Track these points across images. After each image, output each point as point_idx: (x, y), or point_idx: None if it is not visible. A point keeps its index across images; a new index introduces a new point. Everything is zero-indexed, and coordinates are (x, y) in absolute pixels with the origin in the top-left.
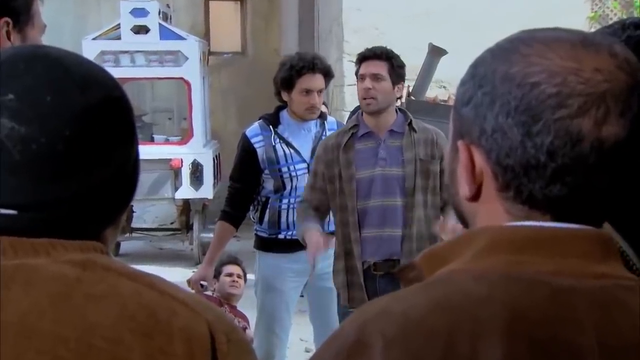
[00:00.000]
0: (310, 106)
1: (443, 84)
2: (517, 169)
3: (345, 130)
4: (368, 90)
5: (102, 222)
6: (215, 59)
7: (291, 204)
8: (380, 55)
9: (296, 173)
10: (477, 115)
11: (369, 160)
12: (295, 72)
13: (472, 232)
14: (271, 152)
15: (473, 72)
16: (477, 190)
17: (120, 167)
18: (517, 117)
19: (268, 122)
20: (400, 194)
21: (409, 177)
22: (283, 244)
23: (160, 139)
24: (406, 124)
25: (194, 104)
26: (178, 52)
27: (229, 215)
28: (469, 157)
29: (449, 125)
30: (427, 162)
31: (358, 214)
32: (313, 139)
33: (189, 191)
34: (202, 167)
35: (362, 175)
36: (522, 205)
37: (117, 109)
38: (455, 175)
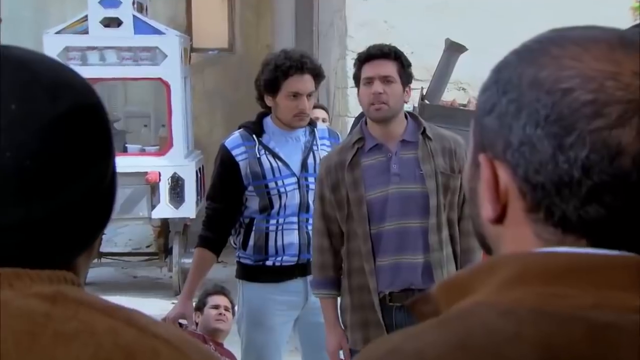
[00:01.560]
0: (298, 112)
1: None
2: (548, 187)
3: (348, 146)
4: (379, 95)
5: (74, 249)
6: (199, 57)
7: (280, 225)
8: (389, 53)
9: (285, 189)
10: (502, 125)
11: (380, 177)
12: (280, 72)
13: (497, 259)
14: (256, 165)
15: (496, 76)
16: (501, 211)
17: (96, 185)
18: (548, 128)
19: (251, 132)
20: (419, 214)
21: (432, 193)
22: (271, 272)
23: (134, 149)
24: (419, 132)
25: (173, 109)
26: (155, 48)
27: (208, 240)
28: (492, 173)
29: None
30: (447, 175)
31: (372, 240)
32: (303, 149)
33: (168, 210)
34: (184, 181)
35: (374, 196)
36: (554, 229)
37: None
38: (477, 194)
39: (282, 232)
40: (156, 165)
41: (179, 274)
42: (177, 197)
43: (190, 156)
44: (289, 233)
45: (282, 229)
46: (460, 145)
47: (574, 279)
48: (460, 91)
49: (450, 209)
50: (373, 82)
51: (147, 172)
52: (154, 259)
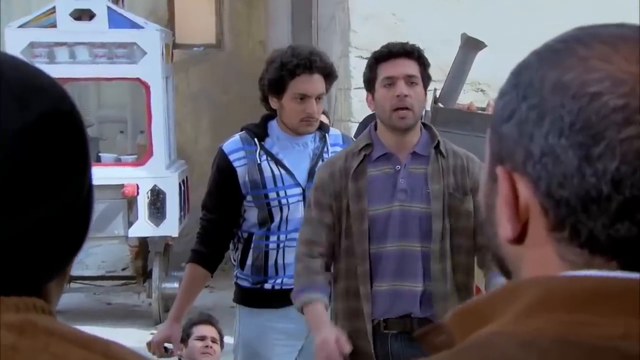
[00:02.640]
0: (306, 116)
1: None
2: (574, 203)
3: (355, 152)
4: (404, 98)
5: (46, 273)
6: (182, 54)
7: (281, 242)
8: (411, 52)
9: (287, 201)
10: (522, 134)
11: (385, 192)
12: (287, 72)
13: (517, 284)
14: (255, 172)
15: (516, 79)
16: (521, 230)
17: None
18: (573, 137)
19: (252, 135)
20: (420, 237)
21: (436, 216)
22: (270, 297)
23: (109, 159)
24: (432, 145)
25: (153, 113)
26: (133, 44)
27: (201, 256)
28: (511, 187)
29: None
30: (456, 197)
31: (370, 261)
32: (310, 157)
33: (147, 227)
34: (165, 195)
35: (377, 211)
36: (580, 249)
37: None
38: (494, 212)
39: (284, 251)
40: (134, 177)
41: (159, 300)
42: (158, 213)
43: (172, 167)
44: (291, 252)
45: (283, 246)
46: (473, 161)
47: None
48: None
49: (458, 234)
50: (396, 83)
51: (124, 185)
52: (130, 283)
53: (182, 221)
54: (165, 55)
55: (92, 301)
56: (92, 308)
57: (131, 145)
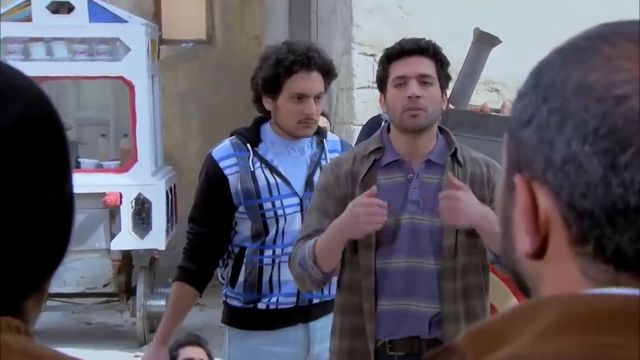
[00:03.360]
0: (304, 117)
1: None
2: (598, 215)
3: (364, 155)
4: (416, 99)
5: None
6: (170, 51)
7: (277, 256)
8: (427, 49)
9: (284, 212)
10: (542, 140)
11: (395, 202)
12: (283, 69)
13: (536, 302)
14: (249, 181)
15: (536, 80)
16: (541, 244)
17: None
18: (598, 143)
19: (244, 140)
20: (432, 253)
21: (448, 231)
22: (265, 317)
23: (89, 165)
24: (449, 153)
25: (138, 115)
26: (115, 40)
27: (189, 273)
28: (530, 197)
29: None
30: None
31: (376, 276)
32: (308, 164)
33: (131, 239)
34: (150, 204)
35: (385, 223)
36: (605, 265)
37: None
38: (511, 224)
39: (279, 266)
40: (116, 185)
41: (144, 319)
42: (143, 224)
43: (158, 173)
44: (287, 267)
45: (279, 262)
46: (495, 169)
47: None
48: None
49: (472, 252)
50: (408, 83)
51: (105, 194)
52: (112, 301)
53: (170, 233)
54: (151, 52)
55: (70, 320)
56: (70, 328)
57: (113, 150)
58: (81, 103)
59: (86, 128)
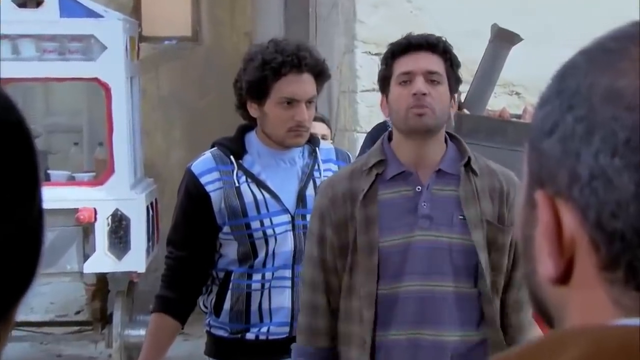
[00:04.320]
0: (295, 125)
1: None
2: (629, 236)
3: (364, 170)
4: (422, 96)
5: None
6: (151, 49)
7: (267, 281)
8: (436, 45)
9: (274, 231)
10: (566, 152)
11: (402, 218)
12: (270, 71)
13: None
14: (233, 197)
15: (559, 85)
16: (566, 268)
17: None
18: (629, 157)
19: (227, 151)
20: (453, 274)
21: (480, 248)
22: (254, 349)
23: (60, 177)
24: (462, 162)
25: (115, 121)
26: (90, 37)
27: (169, 303)
28: (553, 216)
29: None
30: (494, 227)
31: (377, 303)
32: (299, 177)
33: (107, 261)
34: (129, 221)
35: (391, 243)
36: (637, 293)
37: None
38: (532, 245)
39: (270, 292)
40: (90, 200)
41: (121, 351)
42: (120, 244)
43: (138, 186)
44: (279, 293)
45: (269, 287)
46: (514, 185)
47: None
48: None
49: (496, 271)
50: (414, 79)
51: (78, 209)
52: (86, 330)
53: (150, 254)
54: (130, 51)
55: (38, 352)
56: None
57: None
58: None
59: (56, 136)
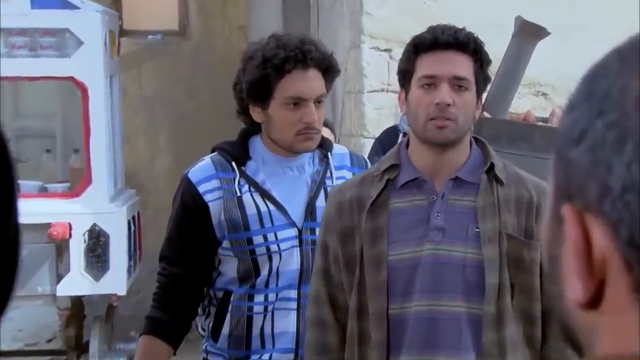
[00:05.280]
0: (304, 127)
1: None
2: None
3: (375, 175)
4: (445, 107)
5: None
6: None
7: (270, 303)
8: (466, 44)
9: (278, 247)
10: (596, 162)
11: (413, 230)
12: (272, 69)
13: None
14: (235, 208)
15: (589, 87)
16: (596, 291)
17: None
18: None
19: (229, 157)
20: (464, 294)
21: (491, 265)
22: None
23: (30, 188)
24: (484, 169)
25: (93, 125)
26: (64, 31)
27: (160, 325)
28: (582, 233)
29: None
30: (518, 242)
31: (389, 324)
32: (309, 186)
33: (83, 282)
34: (108, 238)
35: (399, 257)
36: None
37: None
38: (559, 265)
39: (273, 315)
40: (65, 213)
41: None
42: (98, 263)
43: (118, 198)
44: (283, 316)
45: (272, 309)
46: (546, 193)
47: None
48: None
49: (519, 293)
50: (438, 86)
51: (51, 224)
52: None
53: (132, 274)
54: (110, 46)
55: None
56: None
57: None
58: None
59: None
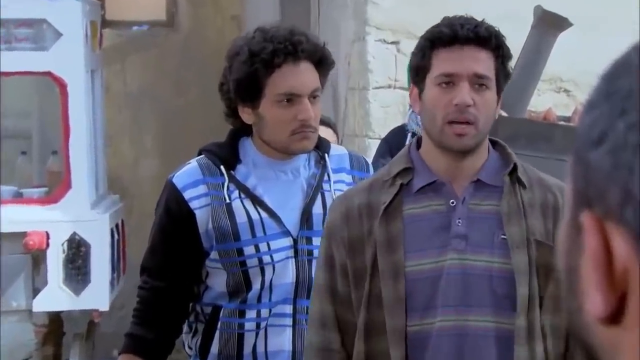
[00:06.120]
0: (299, 125)
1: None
2: None
3: (386, 180)
4: (465, 108)
5: None
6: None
7: (262, 320)
8: (487, 39)
9: (272, 258)
10: (618, 165)
11: (433, 239)
12: (260, 64)
13: None
14: (224, 217)
15: (609, 86)
16: (618, 305)
17: None
18: None
19: (218, 160)
20: (494, 307)
21: (522, 274)
22: None
23: (5, 194)
24: (506, 172)
25: (72, 125)
26: (41, 22)
27: (142, 343)
28: (602, 242)
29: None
30: (548, 248)
31: (407, 343)
32: (304, 191)
33: (62, 297)
34: (89, 248)
35: (419, 268)
36: None
37: None
38: (577, 276)
39: (266, 333)
40: (42, 221)
41: None
42: (78, 276)
43: (100, 204)
44: (278, 334)
45: (265, 326)
46: None
47: None
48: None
49: (551, 306)
50: (458, 84)
51: (27, 233)
52: None
53: (115, 287)
54: (91, 39)
55: None
56: None
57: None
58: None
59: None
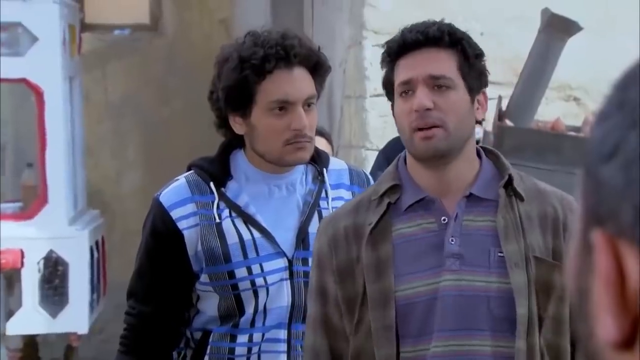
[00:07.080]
0: (293, 135)
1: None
2: None
3: (373, 199)
4: (424, 113)
5: None
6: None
7: (254, 344)
8: (439, 38)
9: (265, 281)
10: (631, 181)
11: (426, 259)
12: (250, 70)
13: None
14: (214, 238)
15: (621, 96)
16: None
17: None
18: None
19: (207, 177)
20: (492, 329)
21: (520, 294)
22: None
23: None
24: (501, 183)
25: (49, 135)
26: (16, 25)
27: None
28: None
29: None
30: (549, 265)
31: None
32: (300, 208)
33: (38, 319)
34: (67, 267)
35: (412, 291)
36: None
37: None
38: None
39: (259, 358)
40: (16, 238)
41: None
42: (55, 297)
43: (79, 221)
44: (272, 359)
45: (258, 352)
46: (573, 211)
47: None
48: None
49: (551, 326)
50: (415, 89)
51: (0, 252)
52: None
53: (95, 309)
54: (69, 44)
55: None
56: None
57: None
58: None
59: None
